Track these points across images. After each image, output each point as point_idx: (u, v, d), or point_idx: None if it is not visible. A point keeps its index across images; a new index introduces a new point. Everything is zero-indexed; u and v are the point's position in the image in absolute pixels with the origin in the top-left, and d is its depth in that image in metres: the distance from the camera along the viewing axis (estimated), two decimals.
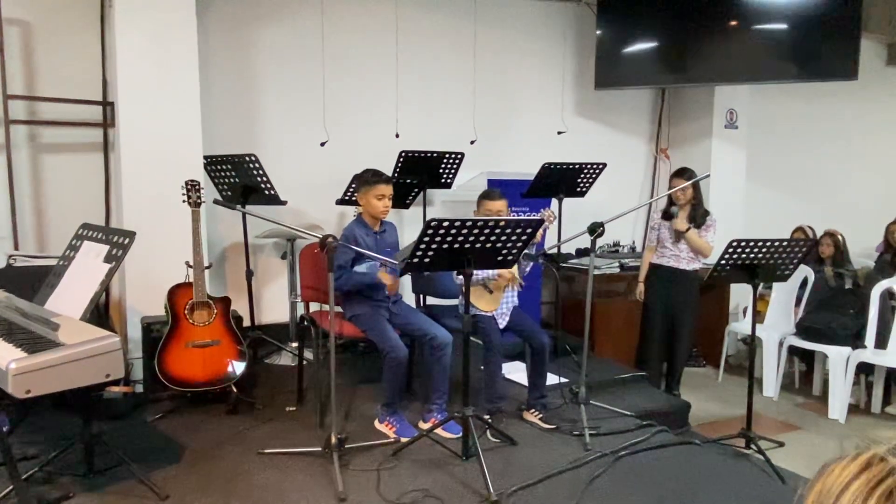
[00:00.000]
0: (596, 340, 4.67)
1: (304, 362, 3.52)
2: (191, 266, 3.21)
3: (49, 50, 3.80)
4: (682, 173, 4.04)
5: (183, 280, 3.25)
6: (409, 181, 4.11)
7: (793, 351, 4.70)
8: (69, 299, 2.33)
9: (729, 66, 4.92)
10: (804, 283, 4.73)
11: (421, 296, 3.87)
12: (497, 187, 3.51)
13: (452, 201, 4.98)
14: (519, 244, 2.64)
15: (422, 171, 4.30)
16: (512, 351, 4.16)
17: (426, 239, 2.44)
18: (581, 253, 5.14)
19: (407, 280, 3.82)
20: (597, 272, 4.70)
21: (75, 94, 3.79)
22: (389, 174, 3.31)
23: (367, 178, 3.14)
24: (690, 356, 4.97)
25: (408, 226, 4.73)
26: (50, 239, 3.82)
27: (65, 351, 2.00)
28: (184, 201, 3.22)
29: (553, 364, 3.53)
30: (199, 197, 3.23)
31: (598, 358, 4.48)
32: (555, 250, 4.31)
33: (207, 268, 3.29)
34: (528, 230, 2.60)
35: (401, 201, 4.18)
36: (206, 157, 3.75)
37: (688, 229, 3.99)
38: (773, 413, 4.33)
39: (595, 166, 4.18)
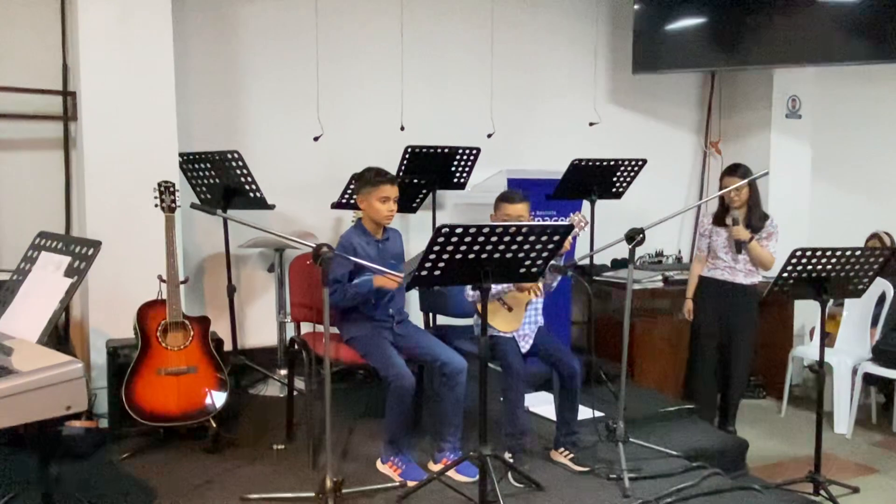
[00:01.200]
0: (636, 367, 4.65)
1: (295, 393, 3.52)
2: (164, 281, 3.23)
3: (0, 31, 3.85)
4: (736, 170, 4.03)
5: (155, 297, 3.27)
6: (416, 181, 4.12)
7: (869, 379, 4.64)
8: (24, 319, 2.34)
9: (791, 46, 4.91)
10: (881, 299, 4.68)
11: (430, 314, 3.86)
12: (518, 188, 3.51)
13: (466, 204, 4.97)
14: (545, 254, 2.64)
15: (431, 170, 4.31)
16: (537, 379, 4.14)
17: (436, 248, 2.45)
18: (618, 264, 5.12)
19: (414, 297, 3.81)
20: (636, 287, 4.68)
21: (31, 83, 3.82)
22: (394, 173, 3.32)
23: (368, 178, 3.15)
24: (748, 386, 4.93)
25: (415, 233, 4.74)
26: (1, 250, 3.86)
27: (18, 379, 2.01)
28: (156, 206, 3.24)
29: (586, 395, 3.51)
30: (173, 200, 3.25)
31: (639, 388, 4.45)
32: (587, 261, 4.29)
33: (183, 282, 3.31)
34: (556, 238, 2.59)
35: (407, 204, 4.19)
36: (181, 155, 3.78)
37: (751, 239, 3.97)
38: (846, 453, 4.27)
39: (633, 163, 4.17)
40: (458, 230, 2.40)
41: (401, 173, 4.25)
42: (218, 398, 3.27)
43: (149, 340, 3.20)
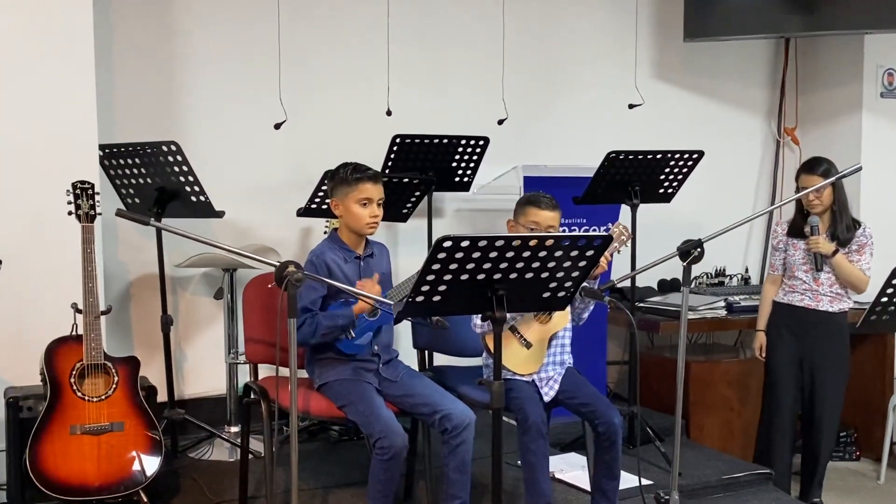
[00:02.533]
0: (693, 420, 4.63)
1: (251, 456, 3.50)
2: (80, 311, 3.22)
3: None
4: (817, 167, 4.03)
5: (69, 332, 3.26)
6: (407, 180, 4.13)
7: None
8: None
9: (887, 4, 4.93)
10: None
11: (426, 353, 3.85)
12: (539, 189, 3.52)
13: (471, 210, 4.97)
14: (575, 274, 2.63)
15: (426, 166, 4.30)
16: (564, 436, 4.12)
17: (435, 266, 2.44)
18: (667, 287, 5.12)
19: (406, 330, 3.81)
20: (692, 316, 4.67)
21: None
22: (378, 169, 3.33)
23: (343, 176, 3.16)
24: (838, 443, 4.92)
25: (406, 247, 4.74)
26: None
27: None
28: (70, 213, 3.24)
29: (628, 457, 3.50)
30: (92, 206, 3.24)
31: (698, 446, 4.44)
32: (627, 283, 4.29)
33: (105, 313, 3.30)
34: (589, 253, 2.59)
35: (396, 210, 4.19)
36: (103, 148, 3.79)
37: (835, 252, 3.97)
38: None
39: (686, 156, 4.18)
40: (464, 243, 2.39)
41: (387, 170, 4.25)
42: (149, 464, 3.24)
43: (60, 389, 3.18)
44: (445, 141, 4.30)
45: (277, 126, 4.36)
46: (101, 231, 3.67)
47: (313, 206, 4.08)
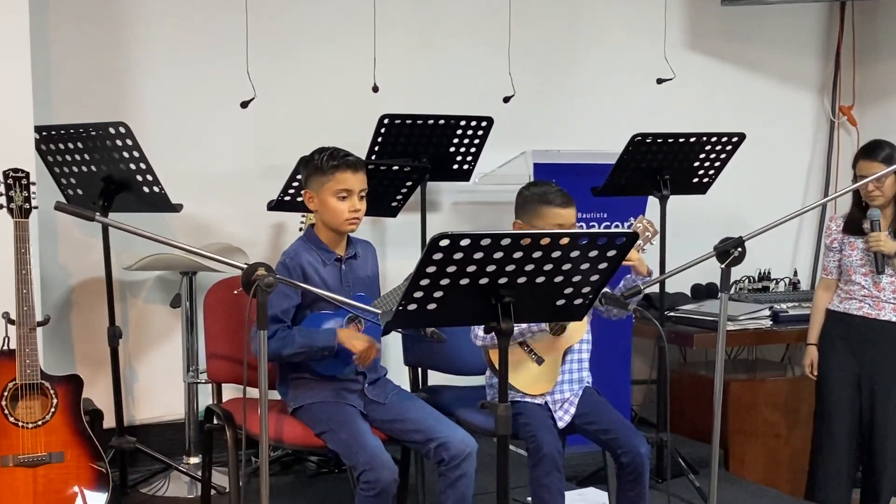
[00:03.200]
0: (733, 449, 4.63)
1: (213, 492, 3.51)
2: (12, 321, 3.20)
3: None
4: (878, 152, 4.03)
5: None
6: (396, 168, 4.11)
7: None
8: None
9: None
10: None
11: (419, 370, 3.84)
12: (552, 179, 3.50)
13: (472, 203, 4.96)
14: (594, 277, 2.62)
15: (420, 151, 4.30)
16: (581, 468, 4.12)
17: (431, 269, 2.43)
18: (702, 293, 5.12)
19: (395, 344, 3.80)
20: (732, 327, 4.66)
21: None
22: (363, 154, 3.31)
23: (318, 164, 3.15)
24: None
25: (395, 247, 4.73)
26: None
27: None
28: (0, 206, 3.22)
29: (657, 491, 3.51)
30: (27, 199, 3.22)
31: (739, 480, 4.44)
32: (655, 288, 4.28)
33: (42, 324, 3.28)
34: (610, 253, 2.58)
35: (383, 204, 4.18)
36: (39, 131, 3.77)
37: None
38: None
39: (725, 140, 4.17)
40: (464, 242, 2.38)
41: (374, 155, 4.24)
42: (94, 501, 3.23)
43: None
44: (442, 122, 4.29)
45: (245, 104, 4.34)
46: (38, 227, 3.64)
47: (287, 198, 4.06)
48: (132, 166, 3.72)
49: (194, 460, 4.12)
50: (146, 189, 3.76)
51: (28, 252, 3.21)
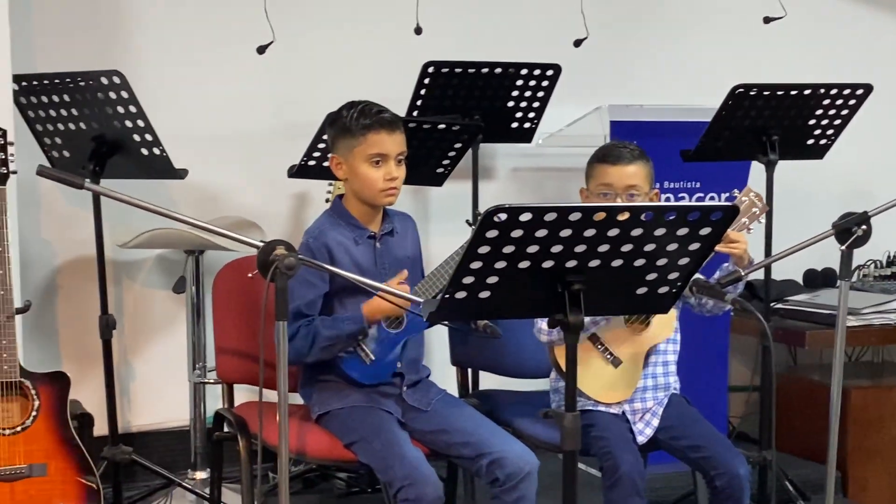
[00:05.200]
0: (853, 471, 4.60)
1: None
2: None
3: None
4: None
5: None
6: (443, 126, 4.11)
7: None
8: None
9: None
10: None
11: (469, 371, 3.86)
12: (632, 140, 3.49)
13: (535, 169, 4.97)
14: (684, 262, 2.61)
15: (471, 106, 4.30)
16: (667, 491, 4.12)
17: (484, 250, 2.43)
18: (817, 281, 5.08)
19: (440, 338, 3.82)
20: (854, 322, 4.61)
21: None
22: (401, 111, 3.31)
23: (347, 124, 3.16)
24: None
25: (440, 222, 4.75)
26: None
27: None
28: None
29: None
30: (3, 162, 3.27)
31: None
32: (759, 274, 4.25)
33: (21, 311, 3.33)
34: (704, 231, 2.56)
35: (427, 170, 4.19)
36: (19, 80, 3.81)
37: None
38: None
39: (847, 93, 4.12)
40: (524, 216, 2.38)
41: (415, 112, 4.25)
42: None
43: None
44: (499, 70, 4.28)
45: (262, 50, 4.35)
46: (16, 196, 3.69)
47: (311, 163, 4.08)
48: (128, 123, 3.73)
49: (201, 475, 4.17)
50: (145, 151, 3.79)
51: (5, 226, 3.26)
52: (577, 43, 4.71)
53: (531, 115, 4.47)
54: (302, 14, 4.55)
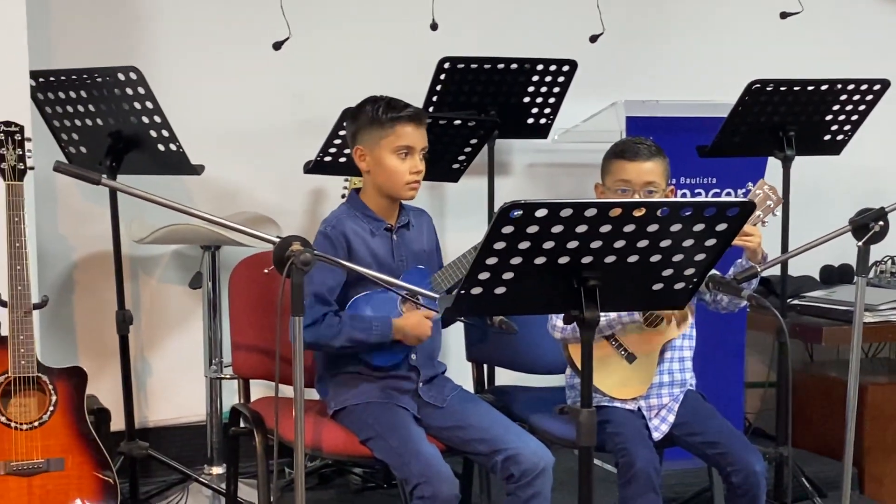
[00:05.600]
0: (869, 467, 4.59)
1: None
2: (4, 304, 3.25)
3: None
4: None
5: None
6: (459, 122, 4.12)
7: None
8: None
9: None
10: None
11: (484, 367, 3.86)
12: (648, 136, 3.48)
13: (550, 165, 4.96)
14: (700, 257, 2.61)
15: (487, 102, 4.30)
16: (682, 488, 4.12)
17: (500, 245, 2.43)
18: (834, 277, 5.07)
19: (457, 335, 3.82)
20: (871, 318, 4.59)
21: None
22: (419, 105, 3.31)
23: (374, 116, 3.16)
24: None
25: (455, 218, 4.75)
26: None
27: None
28: None
29: None
30: (21, 158, 3.27)
31: None
32: (776, 270, 4.25)
33: (39, 306, 3.33)
34: (720, 227, 2.56)
35: (443, 165, 4.19)
36: (36, 77, 3.83)
37: None
38: None
39: (865, 88, 4.11)
40: (540, 212, 2.39)
41: (431, 107, 4.25)
42: None
43: None
44: (514, 66, 4.28)
45: (278, 46, 4.36)
46: (34, 192, 3.71)
47: (327, 158, 4.08)
48: (145, 119, 3.75)
49: (217, 470, 4.18)
50: (161, 147, 3.80)
51: (22, 221, 3.26)
52: (593, 38, 4.71)
53: (547, 110, 4.47)
54: (318, 10, 4.55)
